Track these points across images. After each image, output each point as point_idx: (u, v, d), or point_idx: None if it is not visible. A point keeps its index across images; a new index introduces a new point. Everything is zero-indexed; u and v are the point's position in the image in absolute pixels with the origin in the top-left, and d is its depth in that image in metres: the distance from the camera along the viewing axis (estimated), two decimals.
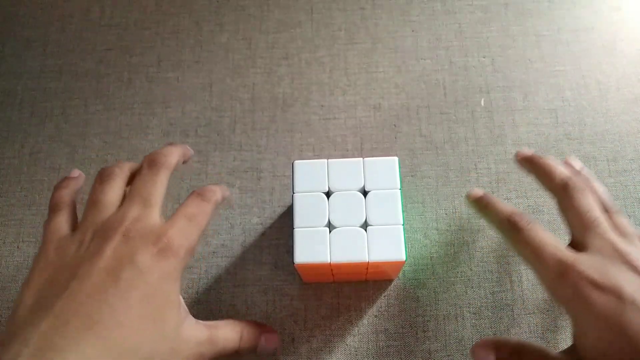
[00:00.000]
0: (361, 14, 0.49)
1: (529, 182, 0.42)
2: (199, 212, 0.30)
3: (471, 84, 0.46)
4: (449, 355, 0.37)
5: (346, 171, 0.33)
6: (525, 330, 0.37)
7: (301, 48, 0.48)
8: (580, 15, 0.48)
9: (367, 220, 0.32)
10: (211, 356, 0.28)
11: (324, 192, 0.33)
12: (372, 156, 0.34)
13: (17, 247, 0.41)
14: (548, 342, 0.37)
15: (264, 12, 0.49)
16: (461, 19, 0.48)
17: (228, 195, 0.34)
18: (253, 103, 0.46)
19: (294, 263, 0.31)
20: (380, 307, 0.38)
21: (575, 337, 0.28)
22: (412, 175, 0.42)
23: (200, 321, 0.29)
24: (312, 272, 0.35)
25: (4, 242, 0.41)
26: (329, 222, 0.32)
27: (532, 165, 0.34)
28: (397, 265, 0.34)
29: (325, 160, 0.33)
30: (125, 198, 0.30)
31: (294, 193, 0.33)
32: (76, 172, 0.33)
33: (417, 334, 0.38)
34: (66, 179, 0.33)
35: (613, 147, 0.43)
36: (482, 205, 0.33)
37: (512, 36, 0.47)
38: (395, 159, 0.33)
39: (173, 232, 0.27)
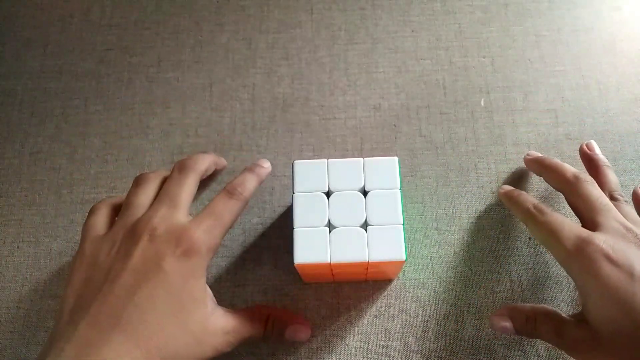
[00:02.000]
0: (361, 14, 0.49)
1: (528, 181, 0.42)
2: (224, 210, 0.31)
3: (471, 84, 0.46)
4: (449, 355, 0.37)
5: (346, 171, 0.33)
6: None
7: (301, 48, 0.48)
8: (580, 15, 0.48)
9: (367, 220, 0.32)
10: (238, 343, 0.30)
11: (324, 192, 0.33)
12: (372, 156, 0.34)
13: (17, 247, 0.41)
14: None
15: (264, 12, 0.49)
16: (461, 19, 0.48)
17: (264, 175, 0.36)
18: (253, 103, 0.46)
19: (294, 263, 0.31)
20: (380, 307, 0.38)
21: (584, 308, 0.30)
22: (412, 175, 0.42)
23: (229, 310, 0.31)
24: (312, 272, 0.35)
25: (4, 242, 0.41)
26: (329, 222, 0.32)
27: (542, 165, 0.37)
28: (397, 265, 0.34)
29: (325, 160, 0.33)
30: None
31: (294, 193, 0.33)
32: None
33: (417, 334, 0.38)
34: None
35: (613, 147, 0.43)
36: (509, 197, 0.37)
37: (512, 36, 0.47)
38: (395, 159, 0.33)
39: (196, 232, 0.29)
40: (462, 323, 0.38)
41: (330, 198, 0.32)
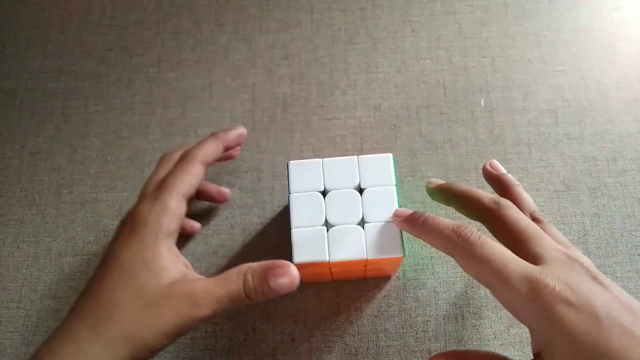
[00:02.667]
0: (361, 14, 0.49)
1: (528, 181, 0.42)
2: (174, 176, 0.33)
3: (471, 84, 0.46)
4: None
5: (341, 169, 0.33)
6: (525, 331, 0.37)
7: (301, 48, 0.48)
8: (580, 15, 0.48)
9: (364, 217, 0.32)
10: (215, 307, 0.28)
11: (320, 191, 0.33)
12: None
13: (17, 247, 0.41)
14: None
15: (264, 12, 0.49)
16: (461, 19, 0.48)
17: (230, 139, 0.37)
18: (253, 103, 0.46)
19: (293, 263, 0.31)
20: (380, 307, 0.38)
21: (541, 356, 0.26)
22: (412, 175, 0.42)
23: (206, 277, 0.30)
24: (311, 271, 0.35)
25: (4, 242, 0.41)
26: (326, 220, 0.32)
27: (450, 192, 0.33)
28: (396, 262, 0.34)
29: (320, 159, 0.33)
30: None
31: (290, 193, 0.33)
32: None
33: (417, 334, 0.38)
34: None
35: (613, 147, 0.43)
36: (417, 225, 0.30)
37: (512, 36, 0.47)
38: (390, 155, 0.33)
39: (144, 205, 0.31)
40: (462, 323, 0.38)
41: (327, 197, 0.32)
